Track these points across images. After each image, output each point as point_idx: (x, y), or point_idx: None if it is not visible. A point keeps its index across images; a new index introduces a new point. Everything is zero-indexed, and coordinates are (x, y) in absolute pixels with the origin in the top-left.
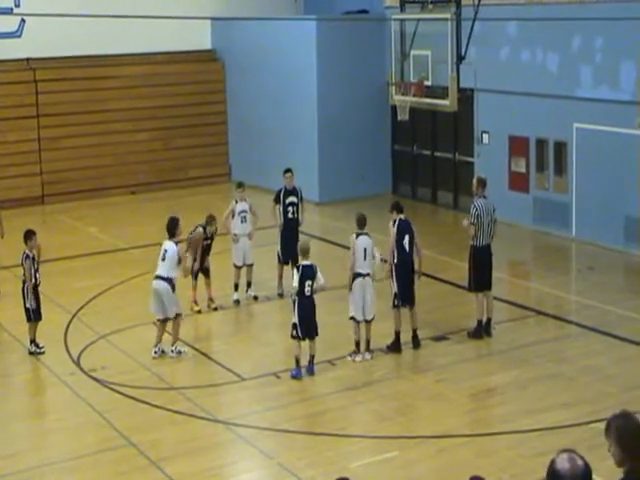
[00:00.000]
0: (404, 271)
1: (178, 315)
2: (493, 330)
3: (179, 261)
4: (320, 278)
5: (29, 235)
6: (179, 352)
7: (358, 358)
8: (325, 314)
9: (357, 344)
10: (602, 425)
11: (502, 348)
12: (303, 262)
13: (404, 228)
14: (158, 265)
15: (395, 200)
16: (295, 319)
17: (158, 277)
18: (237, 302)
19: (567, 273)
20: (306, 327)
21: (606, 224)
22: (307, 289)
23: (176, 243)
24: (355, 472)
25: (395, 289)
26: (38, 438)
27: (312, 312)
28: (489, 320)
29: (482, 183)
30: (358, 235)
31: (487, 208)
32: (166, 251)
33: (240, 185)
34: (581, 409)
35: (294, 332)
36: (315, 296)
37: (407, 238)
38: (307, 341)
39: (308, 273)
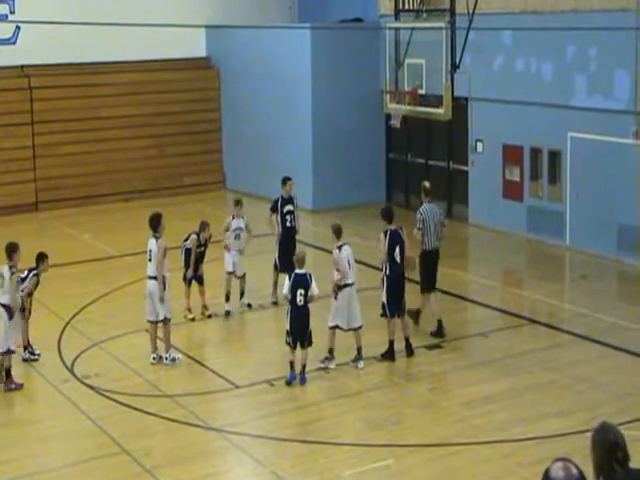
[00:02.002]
0: (394, 282)
1: (167, 320)
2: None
3: (164, 255)
4: (314, 289)
5: (42, 258)
6: (173, 359)
7: (332, 365)
8: (321, 322)
9: (331, 351)
10: None
11: (496, 356)
12: (297, 271)
13: (395, 239)
14: (147, 266)
15: (385, 207)
16: (287, 326)
17: (149, 277)
18: (228, 313)
19: (561, 281)
20: (296, 336)
21: (600, 233)
22: (299, 298)
23: (157, 239)
24: None
25: (384, 299)
26: (32, 445)
27: (305, 322)
28: (440, 322)
29: (425, 190)
30: (340, 247)
31: (432, 213)
32: (151, 251)
33: (238, 202)
34: (575, 417)
35: (287, 339)
36: (310, 305)
37: (397, 249)
38: (300, 350)
39: (301, 282)
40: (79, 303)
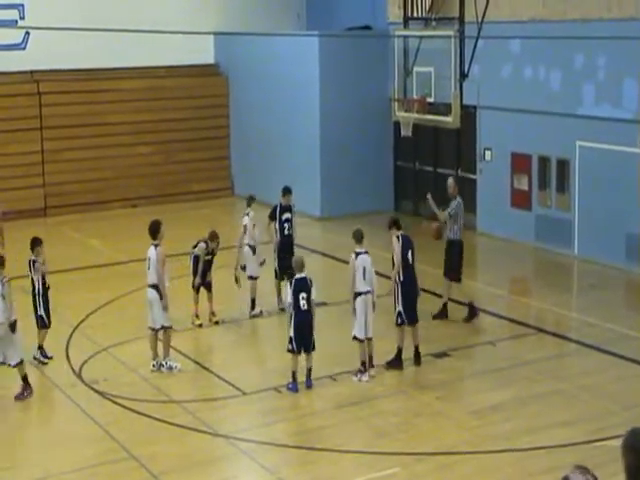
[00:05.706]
0: (409, 289)
1: (166, 328)
2: None
3: (163, 264)
4: (312, 292)
5: (36, 242)
6: (170, 367)
7: (364, 378)
8: (327, 329)
9: (363, 364)
10: (605, 443)
11: (503, 365)
12: (297, 276)
13: (407, 243)
14: (147, 274)
15: (392, 216)
16: (290, 332)
17: (148, 285)
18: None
19: (569, 290)
20: (300, 341)
21: (608, 242)
22: (302, 302)
23: (155, 247)
24: None
25: (400, 307)
26: (39, 450)
27: (308, 326)
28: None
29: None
30: (357, 254)
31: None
32: (149, 259)
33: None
34: (582, 427)
35: (289, 346)
36: (315, 311)
37: (410, 253)
38: (304, 355)
39: (302, 286)
40: (87, 308)
